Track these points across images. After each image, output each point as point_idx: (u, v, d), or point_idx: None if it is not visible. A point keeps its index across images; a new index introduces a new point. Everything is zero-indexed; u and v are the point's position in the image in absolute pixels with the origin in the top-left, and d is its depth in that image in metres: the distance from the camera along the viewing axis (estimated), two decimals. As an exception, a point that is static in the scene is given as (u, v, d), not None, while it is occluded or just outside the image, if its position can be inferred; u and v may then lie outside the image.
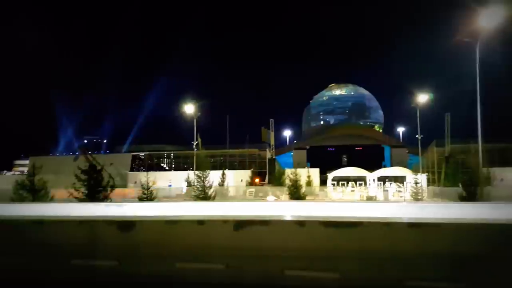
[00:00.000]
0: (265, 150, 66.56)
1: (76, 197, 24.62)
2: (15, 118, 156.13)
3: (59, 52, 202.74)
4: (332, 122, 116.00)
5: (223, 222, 6.89)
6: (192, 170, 47.32)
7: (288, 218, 7.23)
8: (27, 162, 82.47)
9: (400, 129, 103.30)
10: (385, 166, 75.50)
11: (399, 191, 41.16)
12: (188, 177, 44.54)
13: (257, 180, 55.53)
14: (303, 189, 38.20)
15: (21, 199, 25.07)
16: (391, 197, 39.76)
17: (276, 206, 12.67)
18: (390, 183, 45.04)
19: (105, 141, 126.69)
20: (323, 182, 53.48)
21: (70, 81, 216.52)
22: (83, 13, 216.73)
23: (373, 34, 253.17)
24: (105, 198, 25.80)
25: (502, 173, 46.41)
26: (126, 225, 7.13)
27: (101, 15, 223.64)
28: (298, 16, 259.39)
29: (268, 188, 46.24)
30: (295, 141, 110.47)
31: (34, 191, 26.09)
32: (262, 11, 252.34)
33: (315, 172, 55.16)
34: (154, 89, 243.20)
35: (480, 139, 30.07)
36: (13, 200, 24.69)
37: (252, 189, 47.30)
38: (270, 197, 41.07)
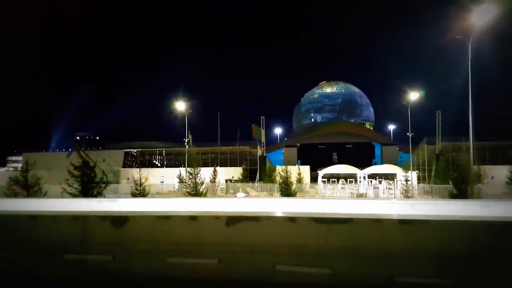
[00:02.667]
0: (256, 148, 66.53)
1: (69, 193, 24.84)
2: (8, 115, 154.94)
3: (52, 48, 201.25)
4: (322, 119, 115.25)
5: (215, 218, 6.90)
6: (184, 166, 47.47)
7: (279, 214, 7.21)
8: (20, 158, 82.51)
9: (391, 127, 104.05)
10: (375, 164, 75.73)
11: (390, 189, 41.21)
12: (180, 173, 44.66)
13: (228, 177, 55.59)
14: (294, 186, 38.36)
15: (15, 195, 25.21)
16: (381, 194, 39.79)
17: (267, 203, 12.70)
18: (381, 181, 44.99)
19: (97, 138, 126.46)
20: (313, 179, 53.21)
21: (63, 78, 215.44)
22: (78, 9, 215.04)
23: (364, 32, 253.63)
24: (98, 194, 25.97)
25: (493, 171, 46.55)
26: (119, 220, 7.14)
27: (95, 12, 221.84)
28: (288, 13, 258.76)
29: (239, 184, 46.50)
30: (285, 139, 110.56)
31: (27, 187, 26.25)
32: (253, 7, 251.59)
33: (305, 169, 54.84)
34: (145, 87, 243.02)
35: (471, 136, 30.01)
36: (6, 195, 24.86)
37: (223, 186, 47.74)
38: (240, 194, 41.48)
